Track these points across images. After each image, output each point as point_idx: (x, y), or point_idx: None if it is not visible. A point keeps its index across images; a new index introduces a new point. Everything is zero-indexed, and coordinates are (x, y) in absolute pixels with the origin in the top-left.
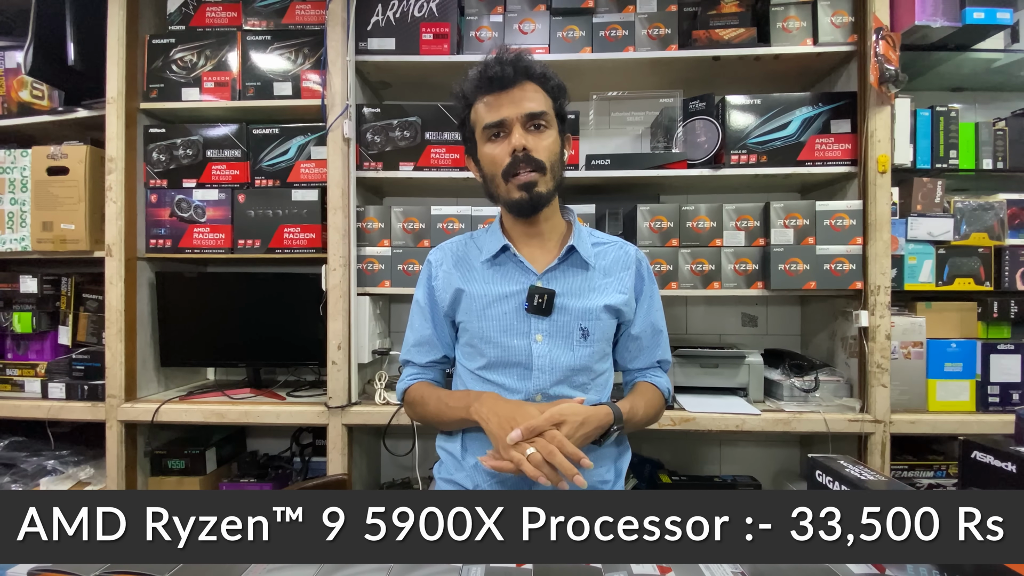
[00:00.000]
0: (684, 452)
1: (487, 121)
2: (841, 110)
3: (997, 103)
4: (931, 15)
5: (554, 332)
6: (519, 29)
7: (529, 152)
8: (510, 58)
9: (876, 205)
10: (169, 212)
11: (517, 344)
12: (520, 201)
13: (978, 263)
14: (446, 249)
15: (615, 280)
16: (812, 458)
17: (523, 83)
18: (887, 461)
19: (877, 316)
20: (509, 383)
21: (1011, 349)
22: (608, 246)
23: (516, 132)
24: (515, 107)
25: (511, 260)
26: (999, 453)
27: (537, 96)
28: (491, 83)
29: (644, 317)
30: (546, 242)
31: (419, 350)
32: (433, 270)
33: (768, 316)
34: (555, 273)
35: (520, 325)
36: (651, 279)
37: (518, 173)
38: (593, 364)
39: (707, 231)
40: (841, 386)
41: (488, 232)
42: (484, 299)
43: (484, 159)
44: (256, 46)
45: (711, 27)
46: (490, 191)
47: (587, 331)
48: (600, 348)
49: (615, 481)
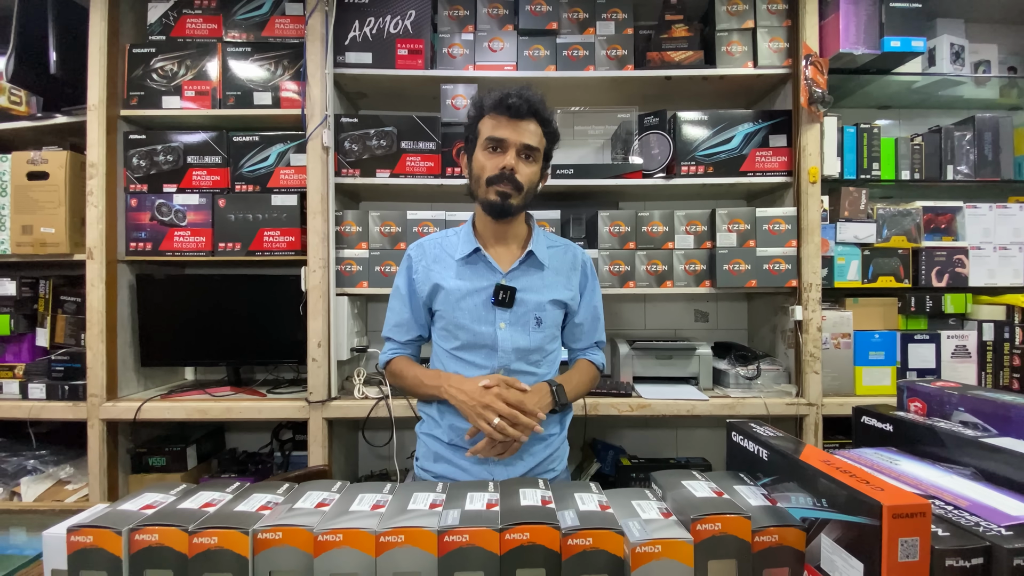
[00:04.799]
0: (643, 438)
1: (491, 135)
2: (778, 126)
3: (919, 119)
4: (854, 43)
5: (514, 321)
6: (488, 47)
7: (514, 174)
8: (529, 96)
9: (808, 212)
10: (149, 216)
11: (485, 330)
12: (493, 203)
13: (898, 263)
14: (425, 246)
15: (564, 279)
16: (730, 422)
17: (531, 119)
18: (820, 440)
19: (810, 311)
20: (478, 361)
21: (927, 339)
22: (560, 249)
23: (510, 154)
24: (517, 135)
25: (481, 260)
26: (880, 416)
27: (537, 133)
28: (508, 109)
29: (586, 308)
30: (510, 244)
31: (399, 330)
32: (413, 263)
33: (718, 312)
34: (516, 272)
35: (487, 315)
36: (593, 276)
37: (499, 183)
38: (545, 345)
39: (660, 235)
40: (780, 374)
41: (461, 233)
42: (458, 293)
43: (477, 162)
44: (236, 57)
45: (663, 49)
46: (472, 188)
47: (540, 320)
48: (551, 332)
49: (560, 432)
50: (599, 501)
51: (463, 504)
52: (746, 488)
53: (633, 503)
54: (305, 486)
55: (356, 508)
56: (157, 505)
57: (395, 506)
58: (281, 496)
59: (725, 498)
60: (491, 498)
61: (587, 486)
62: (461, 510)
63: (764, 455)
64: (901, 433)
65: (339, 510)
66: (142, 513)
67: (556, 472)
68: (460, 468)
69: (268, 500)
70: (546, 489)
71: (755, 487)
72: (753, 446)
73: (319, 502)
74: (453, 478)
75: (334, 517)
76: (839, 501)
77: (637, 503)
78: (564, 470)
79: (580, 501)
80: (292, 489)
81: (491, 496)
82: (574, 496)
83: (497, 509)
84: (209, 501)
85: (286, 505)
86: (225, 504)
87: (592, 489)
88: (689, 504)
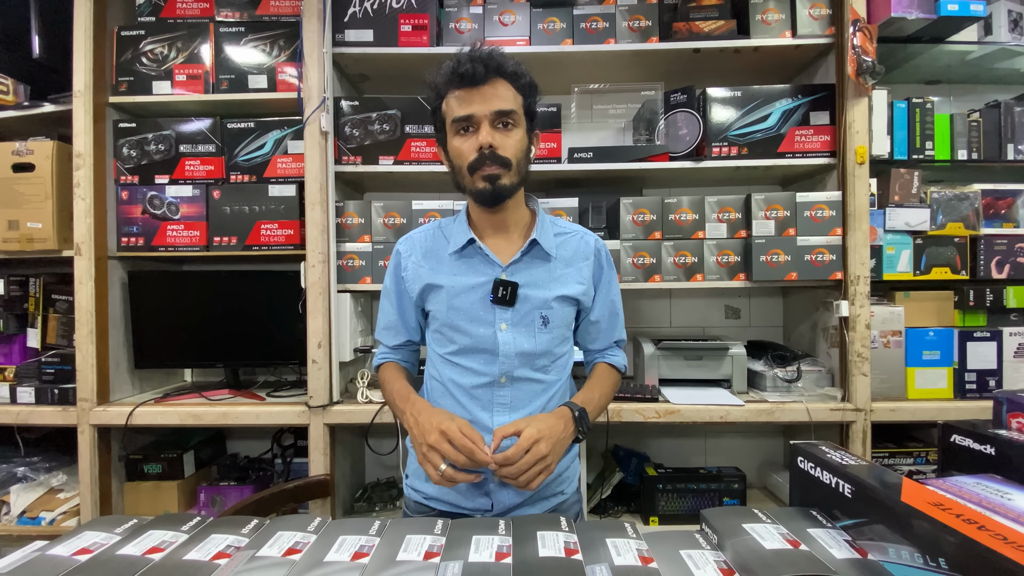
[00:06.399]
0: (670, 445)
1: (456, 115)
2: (820, 102)
3: (971, 95)
4: (907, 7)
5: (517, 321)
6: (499, 21)
7: (495, 150)
8: (482, 55)
9: (855, 196)
10: (141, 209)
11: (483, 332)
12: (484, 191)
13: (954, 252)
14: (415, 240)
15: (574, 270)
16: (794, 445)
17: (494, 80)
18: (868, 449)
19: (857, 306)
20: (476, 367)
21: (987, 336)
22: (570, 236)
23: (484, 129)
24: (485, 104)
25: (478, 253)
26: (978, 436)
27: (507, 94)
28: (462, 79)
29: (602, 304)
30: (511, 233)
31: (387, 333)
32: (402, 260)
33: (751, 308)
34: (519, 265)
35: (486, 315)
36: (610, 267)
37: (482, 167)
38: (553, 348)
39: (689, 224)
40: (823, 376)
41: (455, 222)
42: (452, 291)
43: (453, 151)
44: (229, 38)
45: (691, 19)
46: (456, 180)
47: (547, 319)
48: (560, 333)
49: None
50: (638, 551)
51: (467, 553)
52: (824, 533)
53: (682, 554)
54: (276, 523)
55: (333, 557)
56: (96, 548)
57: (381, 555)
58: (246, 537)
59: (804, 550)
60: (501, 544)
61: (621, 527)
62: (464, 562)
63: (846, 490)
64: (1007, 458)
65: (311, 560)
66: (74, 560)
67: (566, 495)
68: (454, 489)
69: (228, 544)
70: (570, 532)
71: (834, 531)
72: (828, 477)
73: (289, 548)
74: (447, 501)
75: (304, 572)
76: (966, 563)
77: (687, 554)
78: (574, 492)
79: (614, 550)
80: (260, 527)
81: (501, 541)
82: (606, 543)
83: (509, 562)
84: (157, 545)
85: (248, 551)
86: (175, 549)
87: (627, 531)
88: (758, 559)
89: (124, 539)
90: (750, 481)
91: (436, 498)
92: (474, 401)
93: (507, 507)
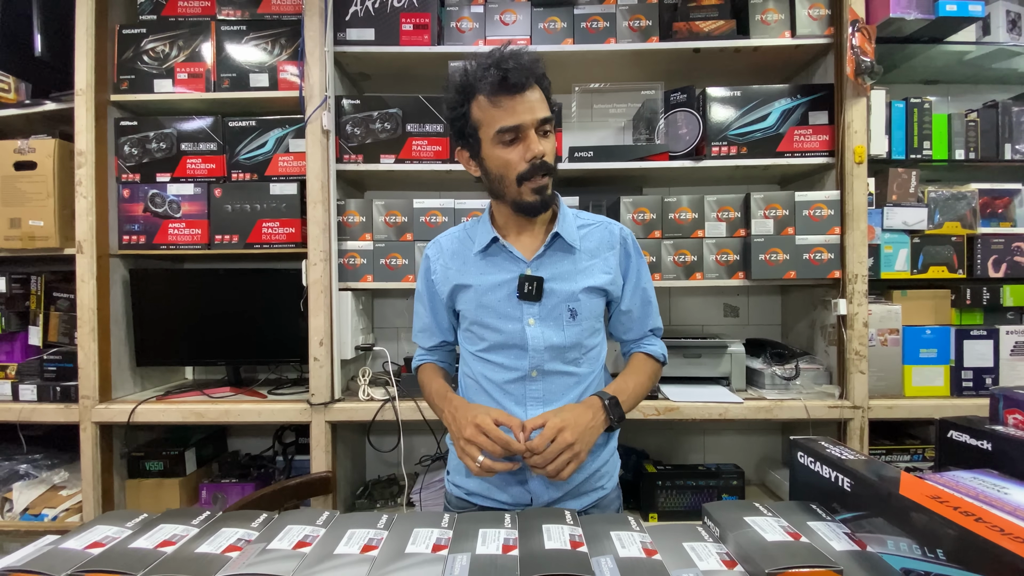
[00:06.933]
0: (669, 442)
1: (504, 124)
2: (819, 102)
3: (969, 95)
4: (905, 7)
5: (544, 315)
6: (500, 20)
7: (545, 160)
8: (524, 61)
9: (853, 195)
10: (143, 207)
11: (512, 328)
12: (534, 204)
13: (951, 251)
14: (442, 244)
15: (600, 261)
16: (794, 440)
17: (533, 86)
18: (866, 446)
19: (855, 304)
20: (507, 362)
21: (983, 335)
22: (594, 227)
23: (533, 139)
24: (531, 113)
25: (502, 251)
26: (975, 432)
27: (543, 100)
28: (510, 87)
29: (633, 292)
30: (534, 228)
31: (423, 336)
32: (431, 264)
33: (749, 306)
34: (543, 260)
35: (513, 311)
36: (638, 254)
37: (533, 178)
38: (584, 340)
39: (689, 222)
40: (821, 373)
41: (480, 223)
42: (479, 289)
43: (495, 161)
44: (231, 36)
45: (691, 19)
46: (494, 189)
47: (575, 311)
48: (590, 325)
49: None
50: (642, 543)
51: (474, 545)
52: (824, 526)
53: (685, 546)
54: (285, 517)
55: (342, 550)
56: (108, 542)
57: (390, 548)
58: (256, 531)
59: (804, 542)
60: (508, 537)
61: (625, 521)
62: (471, 555)
63: (845, 484)
64: (1003, 453)
65: (322, 553)
66: (87, 553)
67: (606, 491)
68: (494, 484)
69: (239, 537)
70: (575, 525)
71: (834, 524)
72: (828, 471)
73: (299, 541)
74: (488, 496)
75: (314, 564)
76: (964, 554)
77: (690, 546)
78: (615, 488)
79: (619, 543)
80: (270, 521)
81: (508, 534)
82: (611, 536)
83: (515, 554)
84: (169, 538)
85: (259, 544)
86: (187, 543)
87: (632, 525)
88: (760, 550)
89: (135, 533)
90: (748, 478)
91: (477, 493)
92: (507, 396)
93: (546, 502)
